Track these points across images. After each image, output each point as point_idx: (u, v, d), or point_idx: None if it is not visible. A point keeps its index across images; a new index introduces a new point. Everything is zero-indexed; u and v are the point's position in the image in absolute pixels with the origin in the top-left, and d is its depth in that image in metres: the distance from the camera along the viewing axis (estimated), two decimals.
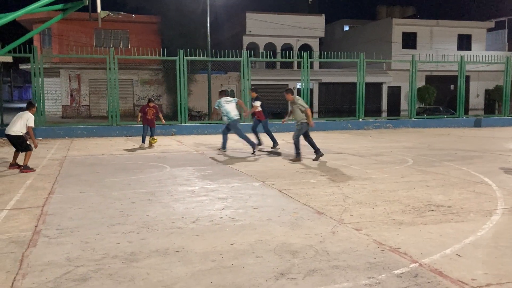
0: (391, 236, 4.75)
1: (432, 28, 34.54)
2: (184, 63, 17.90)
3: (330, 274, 3.75)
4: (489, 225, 5.13)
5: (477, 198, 6.50)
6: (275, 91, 29.44)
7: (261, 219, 5.45)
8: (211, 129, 18.26)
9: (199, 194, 6.88)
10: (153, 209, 5.98)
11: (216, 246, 4.46)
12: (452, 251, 4.28)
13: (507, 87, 22.91)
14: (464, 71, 22.01)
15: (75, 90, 30.24)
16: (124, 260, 4.10)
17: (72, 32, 29.32)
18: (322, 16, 35.24)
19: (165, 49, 19.35)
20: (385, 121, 22.22)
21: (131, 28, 30.56)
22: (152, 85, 30.62)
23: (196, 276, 3.74)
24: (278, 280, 3.64)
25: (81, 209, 5.99)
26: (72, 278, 3.72)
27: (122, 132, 17.38)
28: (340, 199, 6.46)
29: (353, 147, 13.13)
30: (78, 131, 17.11)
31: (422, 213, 5.66)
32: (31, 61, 16.35)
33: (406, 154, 11.43)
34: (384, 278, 3.67)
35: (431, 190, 7.06)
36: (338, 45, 37.12)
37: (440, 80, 32.77)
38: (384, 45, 33.24)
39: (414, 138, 15.91)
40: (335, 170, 8.94)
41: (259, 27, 32.91)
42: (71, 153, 12.11)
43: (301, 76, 19.64)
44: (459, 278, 3.65)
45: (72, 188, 7.41)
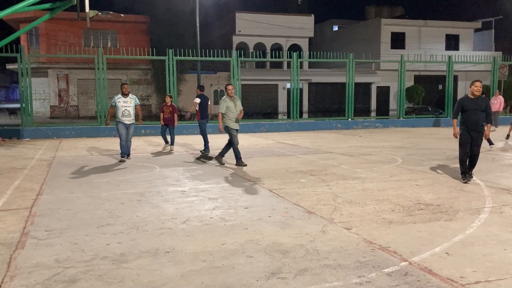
0: (380, 235, 4.78)
1: (420, 28, 34.79)
2: (173, 63, 17.83)
3: (320, 273, 3.76)
4: (477, 223, 5.18)
5: (465, 196, 6.56)
6: (264, 91, 29.49)
7: (252, 219, 5.45)
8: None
9: (189, 195, 6.86)
10: (143, 209, 5.95)
11: (207, 246, 4.44)
12: (441, 249, 4.32)
13: (494, 87, 23.15)
14: (452, 71, 22.21)
15: (63, 90, 29.98)
16: (114, 261, 4.07)
17: (60, 32, 29.06)
18: (311, 16, 35.33)
19: (154, 48, 19.26)
20: (374, 120, 22.35)
21: (120, 27, 30.37)
22: (141, 85, 30.46)
23: (187, 277, 3.72)
24: (269, 280, 3.64)
25: (70, 210, 5.94)
26: (61, 279, 3.68)
27: (111, 132, 17.25)
28: (330, 199, 6.48)
29: (342, 146, 13.18)
30: (66, 131, 16.97)
31: (412, 212, 5.70)
32: (18, 61, 16.17)
33: (395, 153, 11.50)
34: (374, 276, 3.69)
35: (420, 189, 7.12)
36: (328, 45, 37.25)
37: (429, 80, 33.03)
38: (373, 45, 33.41)
39: (403, 138, 16.02)
40: (325, 170, 8.96)
41: (248, 27, 32.89)
42: (60, 154, 12.00)
43: (291, 76, 19.67)
44: (448, 276, 3.68)
45: (61, 189, 7.35)
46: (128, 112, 10.43)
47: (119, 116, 10.39)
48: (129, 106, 10.45)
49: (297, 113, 19.86)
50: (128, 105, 10.44)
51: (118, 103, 10.40)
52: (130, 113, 10.46)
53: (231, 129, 9.55)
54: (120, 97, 10.45)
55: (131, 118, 10.52)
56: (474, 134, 7.56)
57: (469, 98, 7.62)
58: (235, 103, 9.60)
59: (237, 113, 9.57)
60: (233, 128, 9.59)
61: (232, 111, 9.54)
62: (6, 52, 15.79)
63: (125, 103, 10.42)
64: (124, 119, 10.43)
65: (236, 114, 9.57)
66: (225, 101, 9.54)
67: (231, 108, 9.52)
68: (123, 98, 10.44)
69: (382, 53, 32.63)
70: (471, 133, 7.56)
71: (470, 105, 7.54)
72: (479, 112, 7.50)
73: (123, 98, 10.44)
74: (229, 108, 9.50)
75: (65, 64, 29.11)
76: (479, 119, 7.52)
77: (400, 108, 21.88)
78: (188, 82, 27.26)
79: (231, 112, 9.52)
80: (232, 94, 9.62)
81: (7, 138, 15.77)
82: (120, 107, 10.39)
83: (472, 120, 7.51)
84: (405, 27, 34.60)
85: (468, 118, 7.54)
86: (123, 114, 10.39)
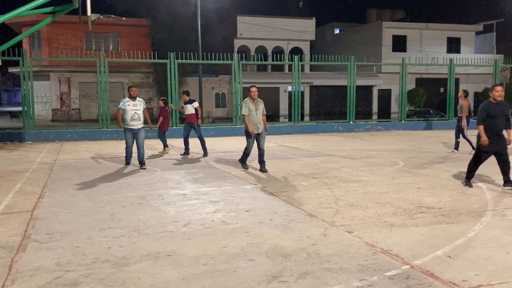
0: (382, 238, 4.77)
1: (422, 31, 34.80)
2: (175, 66, 17.86)
3: (322, 277, 3.75)
4: (479, 226, 5.16)
5: (467, 199, 6.54)
6: (266, 94, 29.46)
7: (253, 222, 5.44)
8: (202, 132, 18.16)
9: (190, 198, 6.86)
10: (144, 213, 5.95)
11: (208, 250, 4.44)
12: (443, 252, 4.30)
13: None
14: (453, 73, 22.20)
15: (65, 94, 30.02)
16: (115, 265, 4.07)
17: (62, 35, 29.12)
18: (312, 19, 35.37)
19: (155, 52, 19.28)
20: (375, 123, 22.35)
21: (122, 31, 30.43)
22: (142, 88, 30.44)
23: (188, 280, 3.72)
24: (270, 283, 3.63)
25: (71, 213, 5.94)
26: (62, 283, 3.68)
27: (113, 135, 17.28)
28: (332, 202, 6.47)
29: (344, 149, 13.17)
30: (68, 134, 16.98)
31: (413, 215, 5.68)
32: (20, 64, 16.21)
33: (396, 156, 11.48)
34: (376, 280, 3.68)
35: (421, 192, 7.10)
36: (329, 48, 37.26)
37: (430, 82, 33.02)
38: (375, 48, 33.42)
39: (404, 141, 16.00)
40: (327, 173, 8.95)
41: (250, 30, 32.94)
42: (61, 157, 12.01)
43: (292, 79, 19.68)
44: (450, 280, 3.67)
45: (62, 192, 7.35)
46: (138, 116, 9.97)
47: (128, 121, 9.91)
48: (139, 110, 10.01)
49: (298, 116, 19.86)
50: (138, 108, 9.99)
51: (128, 106, 9.92)
52: (139, 116, 10.00)
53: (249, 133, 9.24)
54: (129, 100, 9.99)
55: (141, 122, 10.07)
56: (499, 140, 7.23)
57: (493, 103, 7.26)
58: (256, 106, 9.19)
59: (258, 117, 9.16)
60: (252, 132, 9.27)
61: (253, 115, 9.16)
62: (8, 56, 15.82)
63: (135, 106, 9.97)
64: (133, 124, 9.93)
65: (256, 118, 9.15)
66: (246, 103, 9.19)
67: (251, 111, 9.15)
68: (132, 102, 9.98)
69: (383, 56, 32.64)
70: (496, 139, 7.22)
71: (495, 110, 7.20)
72: (503, 118, 7.22)
73: (131, 101, 9.99)
74: (250, 111, 9.15)
75: (67, 67, 29.17)
76: (502, 125, 7.24)
77: (402, 111, 21.86)
78: (189, 85, 27.29)
79: (252, 115, 9.15)
80: (255, 97, 9.20)
81: (9, 141, 15.80)
82: (129, 111, 9.90)
83: (498, 126, 7.20)
84: (407, 30, 34.61)
85: (494, 124, 7.20)
86: (132, 118, 9.90)
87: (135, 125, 9.99)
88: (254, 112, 9.13)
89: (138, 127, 10.04)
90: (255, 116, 9.13)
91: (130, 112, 9.93)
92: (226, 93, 31.27)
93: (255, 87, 9.18)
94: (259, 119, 9.19)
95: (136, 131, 10.02)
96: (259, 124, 9.21)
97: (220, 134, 18.51)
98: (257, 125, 9.18)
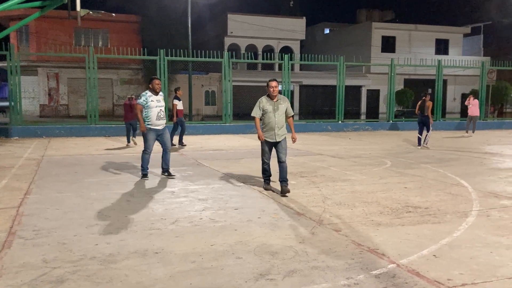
0: (369, 237, 4.81)
1: (411, 33, 35.07)
2: (164, 63, 17.79)
3: (309, 275, 3.77)
4: (464, 226, 5.23)
5: (453, 199, 6.62)
6: (256, 92, 29.45)
7: (241, 220, 5.46)
8: (191, 130, 18.17)
9: (179, 195, 6.85)
10: (132, 210, 5.93)
11: (196, 247, 4.44)
12: (429, 251, 4.36)
13: (483, 91, 23.41)
14: (441, 75, 22.42)
15: (53, 89, 29.74)
16: (102, 262, 4.06)
17: (51, 30, 28.83)
18: (303, 19, 35.46)
19: (145, 48, 19.18)
20: (364, 123, 22.51)
21: (111, 27, 30.21)
22: (132, 85, 30.31)
23: (176, 278, 3.72)
24: (258, 281, 3.65)
25: (59, 210, 5.90)
26: (48, 280, 3.66)
27: (101, 132, 17.17)
28: (320, 200, 6.50)
29: (332, 148, 13.24)
30: (56, 130, 16.84)
31: (400, 214, 5.74)
32: (7, 59, 16.03)
33: (384, 156, 11.57)
34: (362, 278, 3.71)
35: (408, 191, 7.17)
36: (319, 48, 37.38)
37: (418, 83, 33.27)
38: (364, 49, 33.60)
39: (392, 141, 16.12)
40: (315, 172, 9.00)
41: (240, 29, 32.92)
42: (49, 153, 11.91)
43: (282, 78, 19.71)
44: (435, 279, 3.72)
45: (50, 189, 7.29)
46: (163, 114, 8.37)
47: (153, 120, 8.18)
48: (163, 106, 8.40)
49: None
50: (162, 105, 8.35)
51: (152, 102, 8.16)
52: (164, 114, 8.45)
53: (261, 142, 7.18)
54: (151, 95, 8.22)
55: (165, 120, 8.54)
56: None
57: None
58: (276, 106, 6.92)
59: (278, 120, 6.93)
60: (265, 140, 7.06)
61: (269, 117, 6.93)
62: None
63: (159, 102, 8.29)
64: (159, 124, 8.28)
65: (275, 121, 6.90)
66: (259, 103, 7.03)
67: (267, 112, 6.92)
68: (155, 97, 8.25)
69: (372, 57, 32.83)
70: None
71: None
72: None
73: (154, 96, 8.25)
74: (266, 111, 6.93)
75: (55, 62, 28.88)
76: None
77: (390, 111, 22.03)
78: (179, 82, 27.20)
79: (267, 118, 6.94)
80: (276, 94, 6.94)
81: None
82: (153, 108, 8.16)
83: None
84: (396, 31, 34.86)
85: None
86: (158, 117, 8.21)
87: (161, 125, 8.34)
88: (272, 114, 6.92)
89: (164, 126, 8.48)
90: (273, 118, 6.91)
91: (155, 110, 8.20)
92: (216, 91, 31.23)
93: (275, 81, 6.95)
94: (279, 122, 6.93)
95: (161, 131, 8.40)
96: (279, 130, 6.95)
97: (209, 132, 18.50)
98: (275, 131, 6.92)
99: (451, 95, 35.77)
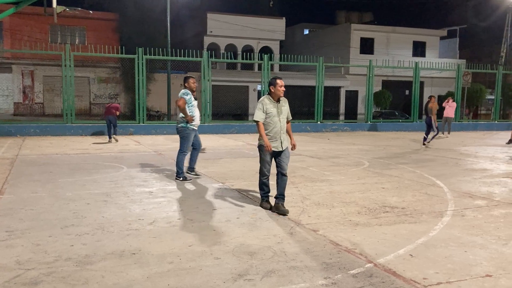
0: (347, 236, 4.85)
1: (389, 35, 35.52)
2: (143, 62, 17.63)
3: (287, 275, 3.78)
4: (440, 226, 5.32)
5: (429, 200, 6.73)
6: (235, 92, 29.45)
7: (220, 220, 5.43)
8: (170, 129, 18.04)
9: (156, 195, 6.78)
10: (109, 210, 5.85)
11: (174, 248, 4.40)
12: (405, 251, 4.41)
13: (458, 94, 23.87)
14: (418, 77, 22.78)
15: (28, 87, 29.12)
16: (78, 263, 3.99)
17: (26, 27, 28.23)
18: (282, 19, 35.56)
19: (123, 47, 18.96)
20: (342, 124, 22.72)
21: (89, 24, 29.76)
22: (109, 83, 29.89)
23: (153, 279, 3.68)
24: (236, 282, 3.63)
25: (33, 210, 5.78)
26: (22, 282, 3.58)
27: (78, 131, 16.91)
28: (298, 201, 6.53)
29: (311, 149, 13.31)
30: (30, 129, 16.51)
31: (377, 215, 5.80)
32: None
33: (362, 156, 11.69)
34: (340, 278, 3.74)
35: (386, 192, 7.25)
36: (298, 49, 37.55)
37: (396, 85, 33.73)
38: (343, 50, 33.89)
39: (370, 141, 16.30)
40: (294, 172, 9.02)
41: (220, 28, 32.82)
42: (23, 152, 11.66)
43: (262, 78, 19.74)
44: (411, 278, 3.77)
45: (24, 189, 7.14)
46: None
47: (197, 119, 8.01)
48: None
49: None
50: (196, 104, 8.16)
51: (194, 102, 7.93)
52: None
53: (263, 150, 5.93)
54: (190, 94, 7.88)
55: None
56: None
57: None
58: (279, 109, 5.89)
59: (282, 124, 5.90)
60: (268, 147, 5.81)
61: (274, 121, 5.84)
62: None
63: (195, 101, 8.00)
64: (196, 124, 8.06)
65: (280, 126, 5.85)
66: (263, 104, 5.86)
67: (271, 116, 5.85)
68: (192, 96, 7.94)
69: (351, 58, 33.14)
70: None
71: None
72: None
73: (192, 95, 7.93)
74: (270, 115, 5.84)
75: (30, 60, 28.25)
76: None
77: (368, 112, 22.28)
78: (157, 81, 26.97)
79: (272, 122, 5.85)
80: (282, 94, 5.93)
81: None
82: (195, 107, 7.93)
83: None
84: (374, 33, 35.27)
85: None
86: (197, 116, 8.06)
87: (196, 126, 8.12)
88: (276, 118, 5.85)
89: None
90: (277, 123, 5.85)
91: (196, 109, 8.01)
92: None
93: (281, 79, 5.95)
94: (284, 127, 5.94)
95: (196, 132, 8.21)
96: (283, 136, 5.92)
97: None
98: (280, 139, 5.87)
99: (427, 96, 36.35)
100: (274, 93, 5.85)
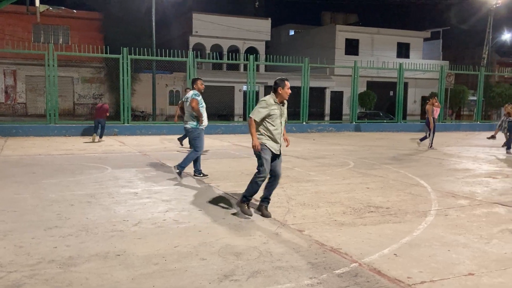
0: (332, 236, 4.87)
1: (374, 36, 35.80)
2: (127, 62, 17.50)
3: (273, 275, 3.78)
4: (424, 225, 5.37)
5: (413, 200, 6.80)
6: (221, 93, 29.38)
7: (206, 221, 5.42)
8: (155, 130, 17.96)
9: (141, 196, 6.74)
10: (93, 211, 5.79)
11: (159, 249, 4.38)
12: (390, 251, 4.45)
13: (441, 94, 24.17)
14: (402, 78, 23.01)
15: (10, 87, 28.69)
16: (62, 265, 3.94)
17: (8, 26, 27.80)
18: (268, 20, 35.63)
19: (108, 46, 18.79)
20: (327, 124, 22.83)
21: (72, 24, 29.43)
22: (93, 83, 29.59)
23: (138, 280, 3.65)
24: (222, 282, 3.63)
25: (16, 212, 5.69)
26: (4, 284, 3.52)
27: (61, 131, 16.72)
28: (284, 201, 6.54)
29: (297, 149, 13.35)
30: (13, 129, 16.27)
31: (362, 214, 5.84)
32: None
33: (347, 157, 11.76)
34: (325, 278, 3.75)
35: (370, 192, 7.31)
36: (284, 49, 37.64)
37: (381, 86, 34.01)
38: (328, 51, 34.07)
39: (355, 142, 16.41)
40: None
41: (205, 28, 32.75)
42: (5, 153, 11.48)
43: (248, 78, 19.74)
44: (396, 277, 3.80)
45: (6, 190, 7.03)
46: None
47: (206, 121, 8.03)
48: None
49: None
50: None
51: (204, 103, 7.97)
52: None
53: (265, 150, 5.57)
54: (200, 95, 7.91)
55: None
56: None
57: None
58: (282, 111, 5.64)
59: (283, 127, 5.74)
60: (269, 148, 5.59)
61: (277, 123, 5.57)
62: None
63: (204, 103, 8.09)
64: (205, 124, 8.09)
65: (281, 129, 5.65)
66: (267, 103, 5.52)
67: (274, 118, 5.54)
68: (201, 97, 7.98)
69: (336, 59, 33.32)
70: None
71: None
72: None
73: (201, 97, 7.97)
74: (273, 117, 5.53)
75: (12, 59, 27.81)
76: None
77: (353, 113, 22.44)
78: (143, 81, 26.80)
79: (275, 124, 5.56)
80: (287, 97, 5.63)
81: None
82: (204, 108, 7.99)
83: None
84: (359, 34, 35.52)
85: None
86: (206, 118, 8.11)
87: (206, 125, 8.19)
88: (279, 120, 5.60)
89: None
90: (279, 126, 5.61)
91: (205, 111, 8.05)
92: (180, 90, 30.93)
93: (287, 80, 5.63)
94: (283, 131, 5.80)
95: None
96: (281, 139, 5.80)
97: (173, 132, 18.30)
98: (280, 142, 5.73)
99: (411, 97, 36.74)
100: (281, 94, 5.54)
